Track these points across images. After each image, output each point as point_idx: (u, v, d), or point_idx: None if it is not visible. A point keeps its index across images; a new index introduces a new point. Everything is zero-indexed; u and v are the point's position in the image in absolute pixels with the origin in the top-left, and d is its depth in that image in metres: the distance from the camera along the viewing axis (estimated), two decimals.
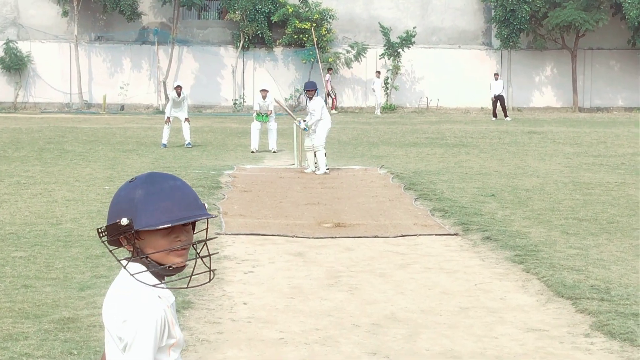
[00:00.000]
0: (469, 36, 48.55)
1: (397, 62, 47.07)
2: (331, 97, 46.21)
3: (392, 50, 46.88)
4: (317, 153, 19.88)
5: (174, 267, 3.15)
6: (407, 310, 8.64)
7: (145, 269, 3.11)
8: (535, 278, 9.71)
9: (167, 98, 46.34)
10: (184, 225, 3.14)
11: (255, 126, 25.17)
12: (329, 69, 46.34)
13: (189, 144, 25.80)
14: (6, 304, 8.41)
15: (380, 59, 47.44)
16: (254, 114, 25.76)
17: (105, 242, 3.17)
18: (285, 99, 46.07)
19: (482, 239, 11.98)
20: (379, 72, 46.15)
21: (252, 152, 24.67)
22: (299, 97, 46.88)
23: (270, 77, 46.76)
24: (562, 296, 8.91)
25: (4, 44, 45.40)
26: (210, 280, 3.23)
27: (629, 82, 48.55)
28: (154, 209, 3.06)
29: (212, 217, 3.20)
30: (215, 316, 8.22)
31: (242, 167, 20.74)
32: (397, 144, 27.12)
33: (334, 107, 46.04)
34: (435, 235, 12.49)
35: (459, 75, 47.09)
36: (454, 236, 12.39)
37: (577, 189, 16.90)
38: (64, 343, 7.22)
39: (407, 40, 46.56)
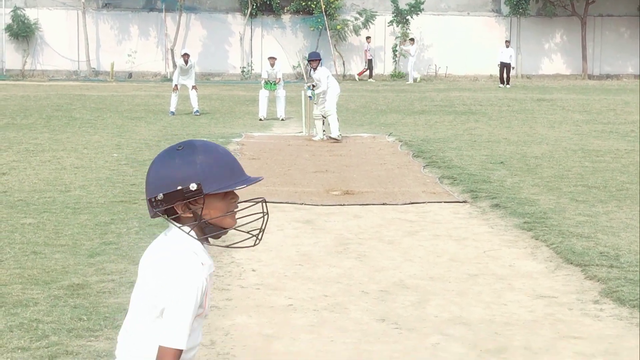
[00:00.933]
0: (478, 3, 48.29)
1: (406, 29, 46.86)
2: (369, 66, 45.89)
3: (401, 17, 46.66)
4: (329, 118, 19.75)
5: (226, 229, 3.23)
6: (415, 277, 8.64)
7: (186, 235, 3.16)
8: (544, 245, 9.69)
9: (174, 65, 46.17)
10: None
11: (264, 94, 25.11)
12: (368, 38, 45.96)
13: (197, 111, 25.75)
14: (16, 270, 8.43)
15: (388, 26, 47.25)
16: (262, 82, 25.68)
17: (159, 212, 3.17)
18: (293, 66, 45.95)
19: (490, 206, 11.96)
20: (412, 40, 45.69)
21: (260, 119, 24.63)
22: (307, 65, 46.75)
23: (278, 44, 46.63)
24: (571, 263, 8.89)
25: (12, 11, 45.30)
26: (258, 242, 3.31)
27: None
28: (220, 173, 3.15)
29: (262, 179, 3.31)
30: (224, 283, 8.23)
31: (250, 135, 20.71)
32: (406, 111, 27.05)
33: (371, 75, 45.76)
34: (444, 202, 12.47)
35: (468, 42, 46.90)
36: (463, 203, 12.37)
37: (586, 156, 16.85)
38: (73, 309, 7.24)
39: (416, 7, 46.34)
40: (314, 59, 20.71)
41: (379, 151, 18.08)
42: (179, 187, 3.11)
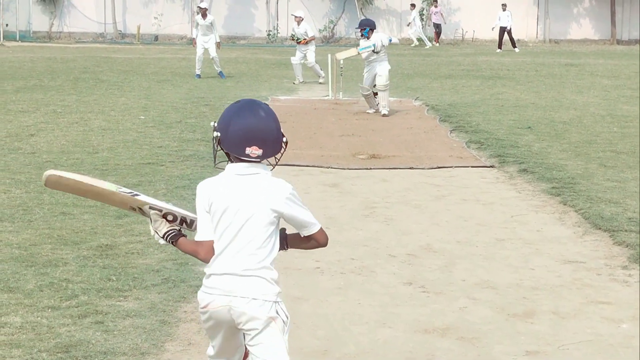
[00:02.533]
0: None
1: None
2: (437, 30, 45.53)
3: None
4: (383, 93, 17.99)
5: None
6: (442, 241, 8.64)
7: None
8: (572, 210, 9.65)
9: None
10: None
11: (294, 59, 24.99)
12: (435, 1, 45.57)
13: (221, 73, 25.55)
14: (45, 230, 8.48)
15: None
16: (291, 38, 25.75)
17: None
18: (319, 30, 45.77)
19: (518, 171, 11.91)
20: (413, 5, 45.47)
21: (294, 83, 24.51)
22: (333, 28, 46.55)
23: (304, 7, 46.39)
24: (600, 228, 8.86)
25: None
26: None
27: None
28: None
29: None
30: None
31: (276, 99, 20.69)
32: (432, 76, 26.93)
33: (437, 40, 45.35)
34: (471, 167, 12.44)
35: (495, 6, 46.40)
36: (490, 168, 12.33)
37: (614, 121, 16.73)
38: (102, 269, 7.29)
39: None
40: (365, 28, 18.53)
41: (406, 115, 18.03)
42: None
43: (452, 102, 19.78)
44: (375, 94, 18.24)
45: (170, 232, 4.29)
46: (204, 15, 25.64)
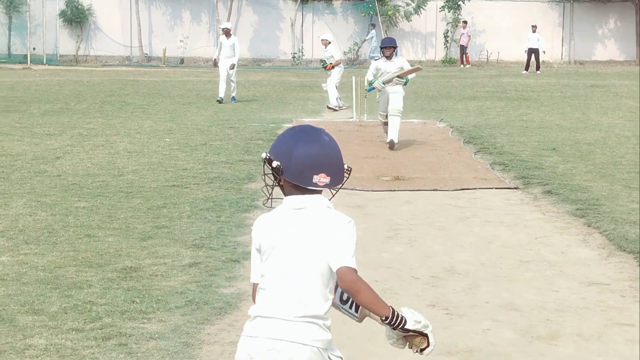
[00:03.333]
0: None
1: (458, 15, 46.57)
2: (462, 52, 45.49)
3: (453, 2, 46.37)
4: (394, 119, 16.36)
5: None
6: (466, 263, 8.62)
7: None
8: (596, 232, 9.61)
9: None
10: None
11: (326, 85, 24.18)
12: (464, 22, 45.54)
13: (233, 99, 24.86)
14: (70, 253, 8.53)
15: (440, 11, 46.99)
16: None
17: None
18: (344, 52, 45.88)
19: (542, 192, 11.88)
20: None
21: (336, 109, 23.63)
22: (358, 50, 46.65)
23: (329, 30, 46.56)
24: (624, 250, 8.82)
25: None
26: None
27: None
28: None
29: None
30: None
31: (300, 121, 20.73)
32: (457, 97, 26.92)
33: (468, 61, 45.22)
34: (495, 188, 12.41)
35: (520, 28, 46.40)
36: (514, 190, 12.30)
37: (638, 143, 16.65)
38: (126, 292, 7.32)
39: None
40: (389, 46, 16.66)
41: (430, 137, 18.03)
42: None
43: (477, 123, 19.77)
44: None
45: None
46: (228, 35, 25.39)
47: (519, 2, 47.53)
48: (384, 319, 3.74)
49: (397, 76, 16.45)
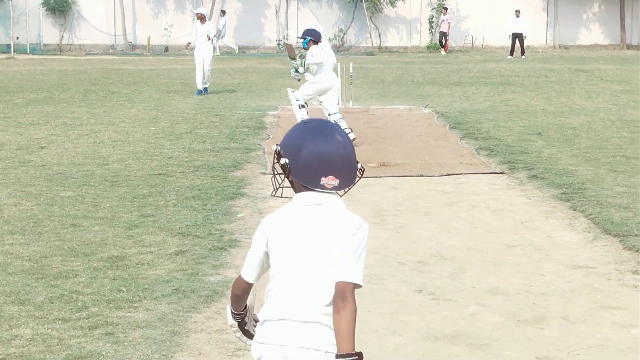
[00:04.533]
0: None
1: (442, 0, 46.53)
2: (441, 39, 45.30)
3: None
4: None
5: None
6: (452, 248, 8.64)
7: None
8: (582, 216, 9.64)
9: (209, 39, 46.18)
10: None
11: None
12: (445, 8, 45.39)
13: (205, 89, 23.61)
14: (55, 242, 8.51)
15: None
16: None
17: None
18: (329, 39, 45.82)
19: (528, 177, 11.90)
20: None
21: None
22: (343, 36, 46.61)
23: (314, 17, 46.52)
24: (610, 233, 8.85)
25: None
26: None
27: None
28: None
29: None
30: None
31: (286, 108, 20.69)
32: (442, 83, 26.93)
33: (446, 48, 44.99)
34: (481, 173, 12.44)
35: (505, 13, 46.37)
36: (500, 175, 12.32)
37: (624, 126, 16.70)
38: (112, 281, 7.31)
39: None
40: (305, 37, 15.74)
41: (416, 123, 18.04)
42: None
43: (462, 109, 19.78)
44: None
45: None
46: (203, 21, 24.07)
47: None
48: (343, 354, 3.40)
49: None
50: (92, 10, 46.03)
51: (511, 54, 41.31)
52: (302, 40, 15.75)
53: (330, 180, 3.57)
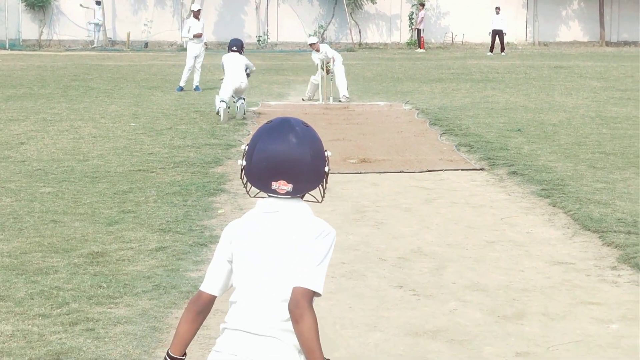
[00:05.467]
0: None
1: None
2: (420, 35, 45.14)
3: None
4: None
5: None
6: (433, 244, 8.67)
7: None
8: (561, 212, 9.69)
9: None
10: None
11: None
12: (422, 5, 45.28)
13: (197, 87, 23.56)
14: (35, 238, 8.49)
15: None
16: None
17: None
18: (309, 35, 45.83)
19: (508, 173, 11.95)
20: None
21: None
22: (323, 32, 46.59)
23: (294, 12, 46.52)
24: (589, 229, 8.90)
25: None
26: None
27: None
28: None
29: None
30: None
31: (266, 104, 20.72)
32: (422, 79, 26.98)
33: (422, 46, 44.74)
34: (461, 170, 12.47)
35: (485, 10, 46.49)
36: (480, 171, 12.36)
37: (603, 123, 16.79)
38: (93, 277, 7.30)
39: None
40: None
41: (396, 119, 18.07)
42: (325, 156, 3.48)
43: (442, 105, 19.83)
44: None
45: None
46: (198, 17, 24.27)
47: None
48: None
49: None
50: (72, 6, 45.83)
51: (491, 50, 41.43)
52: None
53: (281, 185, 3.33)
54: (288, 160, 3.32)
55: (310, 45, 23.27)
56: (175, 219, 9.25)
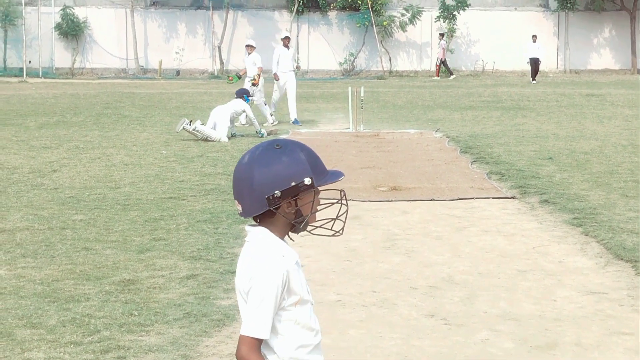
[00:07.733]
0: None
1: (453, 24, 46.64)
2: (438, 64, 45.12)
3: (448, 12, 46.45)
4: None
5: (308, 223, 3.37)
6: (464, 272, 8.62)
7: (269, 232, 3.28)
8: (594, 241, 9.62)
9: (221, 63, 46.33)
10: None
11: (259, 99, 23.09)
12: (442, 35, 45.36)
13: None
14: (67, 266, 8.53)
15: (435, 21, 47.05)
16: None
17: (273, 209, 3.26)
18: (340, 63, 45.99)
19: (540, 202, 11.88)
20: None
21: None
22: (353, 61, 46.68)
23: (325, 41, 46.69)
24: (622, 259, 8.83)
25: (61, 10, 45.73)
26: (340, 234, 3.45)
27: None
28: (322, 168, 3.31)
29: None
30: None
31: (297, 132, 20.75)
32: (453, 107, 26.95)
33: (437, 74, 44.77)
34: (492, 198, 12.42)
35: (515, 37, 46.48)
36: (511, 199, 12.31)
37: (636, 151, 16.67)
38: (124, 304, 7.32)
39: (463, 2, 46.08)
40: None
41: (426, 147, 18.04)
42: (293, 184, 3.23)
43: (473, 133, 19.79)
44: None
45: None
46: (287, 45, 24.09)
47: (513, 12, 47.61)
48: None
49: None
50: (104, 35, 46.27)
51: (533, 78, 41.15)
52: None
53: (236, 206, 3.31)
54: (235, 179, 3.33)
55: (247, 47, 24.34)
56: (206, 247, 9.27)
